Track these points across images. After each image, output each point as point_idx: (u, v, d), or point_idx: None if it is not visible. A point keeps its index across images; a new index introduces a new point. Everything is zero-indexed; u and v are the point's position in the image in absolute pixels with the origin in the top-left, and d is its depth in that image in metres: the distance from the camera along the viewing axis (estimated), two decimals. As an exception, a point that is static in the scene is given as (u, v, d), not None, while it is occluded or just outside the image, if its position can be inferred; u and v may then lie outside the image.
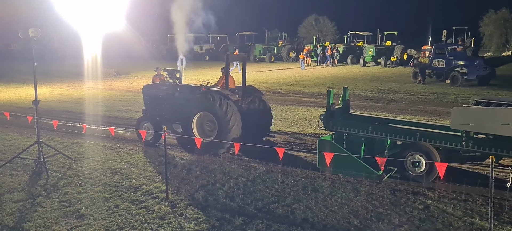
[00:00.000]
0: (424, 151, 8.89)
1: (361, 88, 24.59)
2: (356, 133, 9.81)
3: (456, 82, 25.43)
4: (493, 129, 8.29)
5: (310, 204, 7.84)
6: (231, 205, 7.85)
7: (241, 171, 9.68)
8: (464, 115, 8.60)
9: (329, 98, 10.43)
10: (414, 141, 9.09)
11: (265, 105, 12.02)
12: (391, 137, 9.42)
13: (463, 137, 8.66)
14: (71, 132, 13.53)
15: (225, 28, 62.26)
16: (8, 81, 29.86)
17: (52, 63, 39.63)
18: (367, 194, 8.25)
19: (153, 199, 8.09)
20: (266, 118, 12.04)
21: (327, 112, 10.37)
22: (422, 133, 9.11)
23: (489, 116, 8.35)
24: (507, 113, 8.13)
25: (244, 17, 77.91)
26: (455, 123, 8.67)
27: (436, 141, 8.92)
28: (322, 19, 69.03)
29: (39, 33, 9.31)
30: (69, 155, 10.92)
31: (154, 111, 12.71)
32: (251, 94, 11.84)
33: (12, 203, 7.93)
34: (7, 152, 11.31)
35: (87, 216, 7.38)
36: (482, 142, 8.54)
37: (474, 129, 8.51)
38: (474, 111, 8.65)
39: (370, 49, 42.19)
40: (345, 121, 10.15)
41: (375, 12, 72.56)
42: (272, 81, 28.81)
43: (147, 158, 10.78)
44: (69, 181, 9.10)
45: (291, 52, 51.01)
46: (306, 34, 67.03)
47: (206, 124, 11.42)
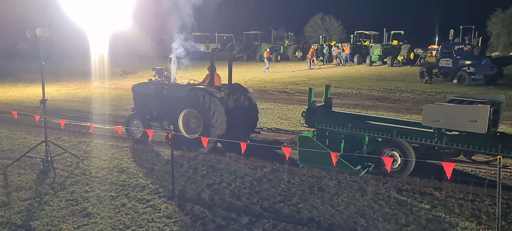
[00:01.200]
0: (399, 147, 9.19)
1: (368, 88, 24.55)
2: (336, 129, 10.11)
3: (463, 82, 25.32)
4: (462, 125, 8.59)
5: (316, 204, 7.84)
6: (237, 204, 7.86)
7: (247, 170, 9.70)
8: (435, 112, 8.88)
9: (310, 96, 10.68)
10: (390, 137, 9.41)
11: (251, 102, 12.28)
12: (368, 134, 9.69)
13: (435, 133, 8.94)
14: (78, 131, 13.59)
15: (231, 27, 62.47)
16: (15, 80, 30.04)
17: (59, 63, 39.78)
18: (374, 194, 8.23)
19: (160, 198, 8.12)
20: (252, 114, 12.27)
21: (308, 110, 10.64)
22: (398, 130, 9.41)
23: (458, 113, 8.61)
24: (475, 111, 8.41)
25: (250, 16, 78.14)
26: (427, 120, 8.95)
27: (411, 138, 9.21)
28: (328, 18, 68.83)
29: (47, 32, 9.36)
30: (76, 153, 10.97)
31: (143, 109, 12.97)
32: (236, 92, 12.05)
33: (20, 201, 7.98)
34: (14, 151, 11.38)
35: (94, 215, 7.42)
36: (454, 139, 8.84)
37: (444, 125, 8.79)
38: (445, 108, 8.93)
39: (376, 49, 42.05)
40: (325, 118, 10.46)
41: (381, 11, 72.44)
42: (278, 81, 28.81)
43: (154, 157, 10.81)
44: (76, 179, 9.15)
45: (297, 52, 50.95)
46: (312, 33, 66.89)
47: (192, 120, 11.65)
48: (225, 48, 54.81)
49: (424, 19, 68.43)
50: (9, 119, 14.87)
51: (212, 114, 11.04)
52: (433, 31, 51.61)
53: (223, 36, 58.83)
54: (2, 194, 8.34)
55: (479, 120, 8.29)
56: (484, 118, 8.26)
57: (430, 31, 53.34)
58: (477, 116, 8.32)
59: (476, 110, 8.44)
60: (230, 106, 11.48)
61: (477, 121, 8.30)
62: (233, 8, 75.72)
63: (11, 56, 49.74)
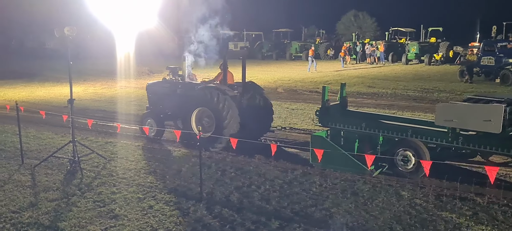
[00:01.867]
0: (413, 148, 9.21)
1: (403, 88, 24.24)
2: (350, 129, 10.20)
3: (507, 81, 24.69)
4: (475, 125, 8.56)
5: (350, 208, 7.78)
6: (266, 208, 7.88)
7: (277, 173, 9.70)
8: (448, 112, 8.91)
9: (324, 94, 10.80)
10: (404, 137, 9.44)
11: (265, 101, 12.43)
12: (383, 133, 9.72)
13: (449, 133, 8.95)
14: (105, 131, 13.85)
15: (260, 25, 62.55)
16: (43, 80, 30.84)
17: (85, 62, 40.64)
18: (410, 199, 8.12)
19: (188, 200, 8.20)
20: (266, 113, 12.44)
21: (322, 109, 10.77)
22: (412, 130, 9.43)
23: (472, 113, 8.60)
24: (489, 110, 8.37)
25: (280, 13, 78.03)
26: (440, 119, 8.97)
27: (426, 138, 9.21)
28: (361, 15, 68.39)
29: (75, 31, 9.57)
30: (103, 154, 11.19)
31: (157, 108, 13.28)
32: (250, 90, 12.20)
33: (47, 202, 8.19)
34: (42, 151, 11.68)
35: (121, 217, 7.55)
36: (469, 139, 8.80)
37: (457, 125, 8.78)
38: (458, 108, 8.98)
39: (413, 47, 41.50)
40: (339, 117, 10.55)
41: (418, 7, 71.26)
42: (309, 80, 28.73)
43: (181, 158, 10.93)
44: (103, 180, 9.33)
45: (329, 50, 50.70)
46: (345, 31, 66.52)
47: (205, 119, 11.87)
48: (254, 46, 54.91)
49: (465, 15, 66.96)
50: (37, 118, 15.27)
51: (225, 113, 11.26)
52: (474, 27, 50.41)
53: (252, 34, 58.95)
54: (30, 194, 8.57)
55: (494, 120, 8.23)
56: (499, 117, 8.20)
57: (471, 28, 52.12)
58: (491, 115, 8.28)
59: (490, 109, 8.40)
60: (244, 105, 11.66)
61: (491, 120, 8.25)
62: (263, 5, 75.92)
63: (38, 56, 51.10)
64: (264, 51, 53.75)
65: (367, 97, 21.20)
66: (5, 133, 13.86)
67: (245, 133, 10.90)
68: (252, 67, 40.51)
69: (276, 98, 20.97)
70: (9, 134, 13.60)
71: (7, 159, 10.96)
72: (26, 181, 9.34)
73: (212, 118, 11.62)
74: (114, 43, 23.71)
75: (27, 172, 9.94)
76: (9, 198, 8.39)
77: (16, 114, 10.85)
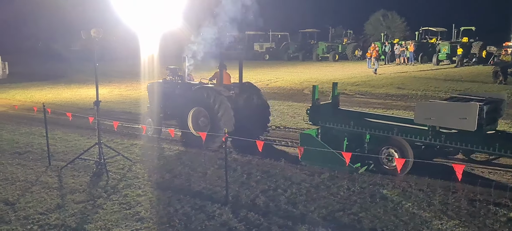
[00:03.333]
0: (397, 146, 9.63)
1: (434, 89, 23.90)
2: (338, 127, 10.60)
3: (543, 83, 24.16)
4: (452, 123, 8.98)
5: (379, 213, 7.72)
6: (293, 212, 7.87)
7: (303, 176, 9.69)
8: (427, 110, 9.40)
9: (314, 93, 11.28)
10: (389, 135, 9.77)
11: (262, 101, 12.99)
12: (369, 131, 10.09)
13: (430, 131, 9.31)
14: (130, 133, 14.04)
15: (286, 25, 62.48)
16: (69, 82, 31.43)
17: (110, 64, 41.28)
18: (442, 204, 8.01)
19: (213, 203, 8.25)
20: (263, 113, 12.97)
21: (312, 107, 11.20)
22: (398, 128, 9.74)
23: (449, 111, 9.04)
24: (465, 108, 8.82)
25: (306, 13, 77.83)
26: (419, 117, 9.41)
27: (410, 136, 9.54)
28: (390, 14, 67.69)
29: (101, 33, 9.75)
30: (128, 156, 11.35)
31: (157, 107, 13.85)
32: (247, 91, 12.77)
33: (74, 204, 8.35)
34: (68, 153, 11.91)
35: (147, 220, 7.65)
36: (450, 137, 9.16)
37: (435, 123, 9.20)
38: (436, 106, 9.50)
39: (444, 47, 40.84)
40: (329, 116, 10.98)
41: (450, 6, 70.11)
42: (336, 81, 28.54)
43: (207, 161, 11.00)
44: (128, 183, 9.47)
45: (357, 51, 50.34)
46: (373, 31, 65.92)
47: (201, 119, 12.45)
48: (280, 47, 54.89)
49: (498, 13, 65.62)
50: (63, 120, 15.59)
51: (219, 112, 11.78)
52: (509, 26, 49.38)
53: (278, 35, 58.95)
54: (57, 196, 8.76)
55: (469, 118, 8.65)
56: (474, 115, 8.60)
57: (505, 27, 51.04)
58: (466, 113, 8.70)
59: (465, 108, 8.84)
60: (240, 105, 12.21)
61: (466, 118, 8.67)
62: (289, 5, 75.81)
63: (64, 58, 52.08)
64: (290, 52, 53.67)
65: (396, 99, 20.98)
66: (32, 134, 14.18)
67: (241, 132, 11.27)
68: (278, 68, 40.53)
69: (301, 100, 20.96)
70: (36, 136, 13.91)
71: (34, 161, 11.22)
72: (53, 183, 9.54)
73: (207, 117, 12.18)
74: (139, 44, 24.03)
75: (54, 174, 10.15)
76: (36, 199, 8.59)
77: (43, 116, 11.10)
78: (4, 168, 10.66)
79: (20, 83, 30.81)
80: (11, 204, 8.37)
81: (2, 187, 9.30)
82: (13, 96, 24.57)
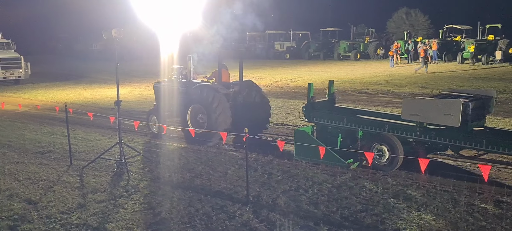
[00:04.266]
0: (387, 142, 9.91)
1: (459, 88, 23.54)
2: (332, 124, 10.97)
3: None
4: (437, 119, 9.28)
5: (402, 215, 7.65)
6: (315, 213, 7.85)
7: (325, 176, 9.65)
8: (413, 106, 9.71)
9: (309, 91, 11.61)
10: (380, 131, 10.10)
11: (262, 98, 13.35)
12: (362, 128, 10.39)
13: (417, 127, 9.59)
14: (151, 132, 14.15)
15: (307, 24, 62.30)
16: (90, 81, 31.81)
17: (131, 63, 41.69)
18: (467, 205, 7.90)
19: (234, 204, 8.27)
20: (263, 111, 13.33)
21: (308, 105, 11.53)
22: (389, 125, 10.05)
23: (434, 107, 9.36)
24: (449, 105, 9.14)
25: (327, 12, 77.49)
26: (405, 114, 9.71)
27: (400, 132, 9.80)
28: (414, 12, 66.93)
29: (122, 33, 9.85)
30: (149, 156, 11.44)
31: (161, 105, 14.35)
32: (247, 88, 13.20)
33: (95, 203, 8.45)
34: (90, 152, 12.05)
35: (167, 220, 7.69)
36: (437, 133, 9.44)
37: (421, 119, 9.49)
38: (421, 102, 9.93)
39: (469, 45, 40.24)
40: (323, 113, 11.29)
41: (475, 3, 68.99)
42: (358, 80, 28.39)
43: (227, 161, 11.03)
44: (149, 183, 9.54)
45: (379, 49, 49.90)
46: (396, 29, 65.30)
47: (199, 116, 12.94)
48: (300, 46, 54.73)
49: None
50: (84, 120, 15.79)
51: (216, 110, 12.19)
52: (536, 23, 48.46)
53: (299, 34, 58.80)
54: (79, 196, 8.87)
55: (453, 114, 8.93)
56: (457, 111, 8.89)
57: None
58: (450, 109, 9.00)
59: (449, 104, 9.17)
60: (239, 102, 12.72)
61: (451, 114, 8.95)
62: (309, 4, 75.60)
63: (86, 57, 52.77)
64: (311, 51, 53.45)
65: (419, 99, 20.73)
66: (54, 134, 14.39)
67: (240, 129, 11.38)
68: (298, 67, 40.45)
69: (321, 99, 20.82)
70: (58, 136, 14.11)
71: (56, 160, 11.38)
72: (74, 182, 9.67)
73: (205, 115, 12.62)
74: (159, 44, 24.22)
75: (76, 173, 10.28)
76: (58, 199, 8.71)
77: (65, 116, 11.26)
78: (26, 167, 10.84)
79: (42, 83, 31.30)
80: (33, 203, 8.50)
81: (25, 186, 9.46)
82: (35, 96, 24.97)
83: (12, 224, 7.61)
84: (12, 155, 12.01)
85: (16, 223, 7.64)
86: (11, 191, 9.15)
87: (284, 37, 58.37)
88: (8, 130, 15.29)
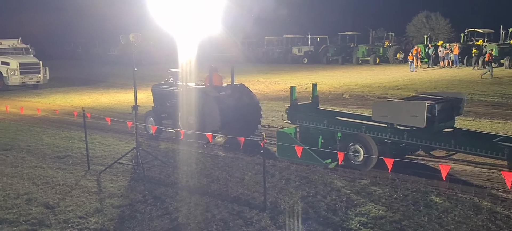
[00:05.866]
0: (362, 142, 10.40)
1: (481, 93, 23.29)
2: (313, 126, 11.57)
3: None
4: (404, 120, 9.88)
5: (422, 222, 7.57)
6: (333, 219, 7.81)
7: (343, 182, 9.60)
8: (382, 108, 10.50)
9: (292, 94, 12.34)
10: (356, 132, 10.66)
11: (253, 101, 14.04)
12: (340, 129, 11.00)
13: (389, 128, 10.19)
14: (168, 137, 14.24)
15: (325, 28, 62.12)
16: (107, 86, 32.13)
17: (148, 68, 41.97)
18: (490, 213, 7.79)
19: (251, 209, 8.27)
20: (254, 113, 13.93)
21: (291, 107, 12.19)
22: (365, 126, 10.60)
23: (401, 109, 10.00)
24: (415, 106, 9.76)
25: (346, 16, 77.15)
26: (376, 115, 10.37)
27: (374, 133, 10.38)
28: (434, 15, 66.32)
29: (140, 38, 9.95)
30: (166, 161, 11.50)
31: (157, 107, 15.12)
32: (238, 92, 13.89)
33: (112, 208, 8.52)
34: (107, 157, 12.16)
35: (185, 225, 7.72)
36: (407, 133, 9.99)
37: (390, 120, 10.10)
38: (390, 104, 10.84)
39: (491, 48, 39.74)
40: (306, 115, 11.91)
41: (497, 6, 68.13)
42: (377, 85, 28.21)
43: (244, 166, 11.04)
44: (166, 188, 9.59)
45: (399, 53, 49.51)
46: (416, 33, 64.78)
47: (190, 117, 13.53)
48: (318, 50, 54.60)
49: (550, 13, 63.38)
50: (102, 125, 15.94)
51: (206, 112, 12.88)
52: (561, 27, 47.66)
53: (317, 38, 58.68)
54: (96, 200, 8.95)
55: (418, 115, 9.49)
56: (422, 113, 9.45)
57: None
58: (416, 111, 9.57)
59: (415, 106, 9.79)
60: (230, 105, 13.19)
61: (417, 115, 9.50)
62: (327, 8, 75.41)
63: (103, 62, 53.34)
64: (329, 55, 53.25)
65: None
66: (72, 139, 14.56)
67: (231, 131, 12.42)
68: (316, 72, 40.36)
69: (341, 104, 20.78)
70: (76, 140, 14.27)
71: (74, 165, 11.51)
72: (92, 187, 9.76)
73: (196, 116, 13.25)
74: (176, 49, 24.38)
75: (93, 178, 10.38)
76: (76, 203, 8.80)
77: (83, 121, 11.38)
78: (44, 171, 10.97)
79: (60, 88, 31.69)
80: (51, 208, 8.60)
81: (43, 191, 9.57)
82: (54, 101, 25.29)
83: (31, 228, 7.71)
84: (31, 159, 12.18)
85: (34, 227, 7.74)
86: (30, 195, 9.27)
87: (302, 42, 58.26)
88: (27, 134, 15.51)
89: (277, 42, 59.33)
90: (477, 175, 9.96)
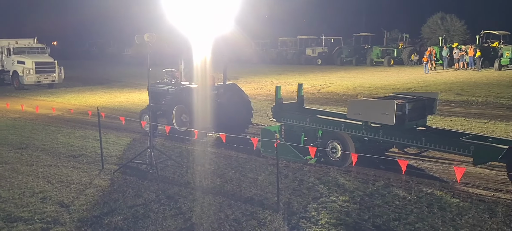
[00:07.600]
0: (340, 139, 10.80)
1: (496, 95, 23.04)
2: (296, 124, 12.04)
3: None
4: (375, 118, 10.26)
5: (436, 224, 7.51)
6: (346, 221, 7.77)
7: (357, 184, 9.56)
8: (356, 106, 10.88)
9: (277, 93, 12.75)
10: (334, 130, 11.03)
11: (245, 100, 14.65)
12: (321, 127, 11.36)
13: (363, 126, 10.51)
14: (182, 137, 14.29)
15: (339, 29, 61.94)
16: (122, 86, 32.34)
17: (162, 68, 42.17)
18: (505, 215, 7.71)
19: (264, 210, 8.26)
20: (246, 112, 14.60)
21: (276, 106, 12.63)
22: (344, 124, 10.90)
23: (372, 107, 10.43)
24: (385, 105, 10.18)
25: (360, 17, 76.85)
26: (350, 113, 10.73)
27: (351, 130, 10.72)
28: (449, 17, 65.74)
29: (155, 38, 10.01)
30: (180, 161, 11.54)
31: (154, 105, 14.99)
32: (230, 91, 14.36)
33: (126, 207, 8.57)
34: (121, 157, 12.24)
35: (197, 225, 7.74)
36: (380, 131, 10.33)
37: (363, 118, 10.46)
38: (363, 102, 11.40)
39: (507, 51, 39.31)
40: (289, 113, 12.32)
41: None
42: (391, 87, 28.05)
43: (258, 166, 11.05)
44: (180, 188, 9.62)
45: (413, 55, 49.19)
46: (430, 34, 64.23)
47: (183, 115, 14.02)
48: (332, 52, 54.46)
49: None
50: (116, 124, 16.05)
51: (197, 110, 13.19)
52: None
53: (331, 39, 58.52)
54: (110, 200, 9.01)
55: (388, 113, 9.87)
56: (392, 111, 9.82)
57: None
58: (386, 109, 9.97)
59: (385, 104, 10.20)
60: (222, 104, 13.65)
61: (387, 114, 9.89)
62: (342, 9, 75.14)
63: (118, 62, 53.68)
64: (343, 56, 53.09)
65: (455, 106, 20.36)
66: (86, 138, 14.67)
67: (225, 128, 12.57)
68: (330, 73, 40.25)
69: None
70: (90, 139, 14.38)
71: (88, 164, 11.60)
72: (106, 186, 9.83)
73: (187, 114, 13.74)
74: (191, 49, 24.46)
75: (107, 177, 10.45)
76: (90, 202, 8.87)
77: (98, 120, 11.47)
78: (59, 170, 11.07)
79: (75, 87, 31.99)
80: (66, 206, 8.68)
81: (58, 189, 9.66)
82: (69, 101, 25.52)
83: (45, 227, 7.78)
84: (46, 158, 12.30)
85: (49, 226, 7.81)
86: (44, 194, 9.36)
87: (316, 43, 58.19)
88: (43, 133, 15.66)
89: (291, 43, 59.30)
90: (492, 178, 9.86)
